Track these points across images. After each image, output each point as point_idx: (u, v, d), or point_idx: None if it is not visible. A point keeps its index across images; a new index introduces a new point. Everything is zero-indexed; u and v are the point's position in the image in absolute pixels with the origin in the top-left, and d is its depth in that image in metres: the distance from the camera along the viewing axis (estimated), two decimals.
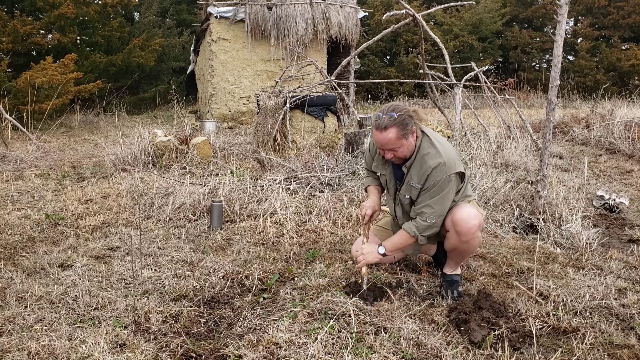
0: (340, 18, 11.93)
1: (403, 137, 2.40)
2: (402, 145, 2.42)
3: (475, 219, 2.44)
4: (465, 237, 2.45)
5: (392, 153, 2.46)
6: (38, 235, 3.55)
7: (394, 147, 2.42)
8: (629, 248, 3.33)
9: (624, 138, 6.90)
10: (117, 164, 5.89)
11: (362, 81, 9.55)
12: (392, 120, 2.37)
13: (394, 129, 2.37)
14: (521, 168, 5.32)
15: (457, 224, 2.43)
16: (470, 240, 2.46)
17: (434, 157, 2.40)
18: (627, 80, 18.22)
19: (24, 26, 11.47)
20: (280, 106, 6.56)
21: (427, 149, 2.44)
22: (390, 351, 2.02)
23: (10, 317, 2.32)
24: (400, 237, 2.55)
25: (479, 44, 18.39)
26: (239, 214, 3.94)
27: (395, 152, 2.45)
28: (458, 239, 2.47)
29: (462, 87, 6.38)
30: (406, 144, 2.42)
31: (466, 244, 2.48)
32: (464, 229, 2.43)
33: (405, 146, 2.43)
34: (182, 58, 17.20)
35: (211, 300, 2.57)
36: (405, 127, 2.38)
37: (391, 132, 2.38)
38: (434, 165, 2.39)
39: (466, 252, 2.56)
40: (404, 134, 2.39)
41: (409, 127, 2.39)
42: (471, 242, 2.48)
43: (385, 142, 2.41)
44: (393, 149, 2.44)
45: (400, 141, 2.40)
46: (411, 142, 2.44)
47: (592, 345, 2.10)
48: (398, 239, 2.56)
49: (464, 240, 2.46)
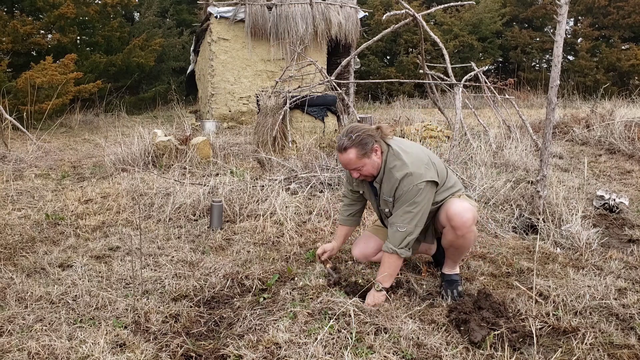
0: (340, 18, 11.93)
1: (364, 157, 2.44)
2: (365, 164, 2.46)
3: (469, 212, 2.46)
4: (460, 232, 2.46)
5: (357, 172, 2.51)
6: (38, 235, 3.55)
7: (357, 166, 2.47)
8: (629, 248, 3.33)
9: (624, 138, 6.91)
10: (117, 164, 5.89)
11: (362, 81, 9.55)
12: (350, 142, 2.42)
13: (353, 149, 2.42)
14: (521, 168, 5.32)
15: (452, 218, 2.45)
16: (466, 234, 2.47)
17: (400, 169, 2.42)
18: (627, 80, 18.23)
19: (24, 26, 11.47)
20: (280, 106, 6.56)
21: (393, 162, 2.46)
22: (390, 351, 2.02)
23: (10, 317, 2.32)
24: (384, 262, 2.49)
25: (479, 44, 18.40)
26: (239, 214, 3.94)
27: (360, 171, 2.50)
28: (454, 234, 2.48)
29: (462, 87, 6.38)
30: (369, 163, 2.46)
31: (462, 239, 2.49)
32: (459, 222, 2.44)
33: (369, 164, 2.47)
34: (182, 58, 17.20)
35: (211, 300, 2.57)
36: (364, 146, 2.42)
37: (351, 153, 2.43)
38: (400, 177, 2.41)
39: (463, 248, 2.57)
40: (364, 153, 2.43)
41: (368, 146, 2.43)
42: (467, 236, 2.49)
43: (347, 163, 2.48)
44: (357, 169, 2.49)
45: (362, 160, 2.45)
46: (375, 159, 2.47)
47: (592, 345, 2.10)
48: (385, 266, 2.49)
49: (460, 234, 2.47)
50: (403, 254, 2.44)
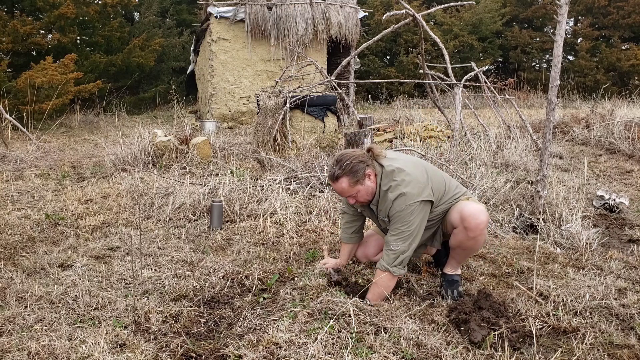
0: (340, 18, 11.93)
1: (357, 184, 2.43)
2: (359, 191, 2.45)
3: (483, 214, 2.46)
4: (473, 233, 2.45)
5: (353, 199, 2.50)
6: (38, 235, 3.55)
7: (351, 194, 2.46)
8: (629, 248, 3.33)
9: (624, 138, 6.90)
10: (117, 164, 5.89)
11: (362, 81, 9.56)
12: (341, 171, 2.41)
13: (344, 178, 2.41)
14: (521, 168, 5.32)
15: (466, 219, 2.44)
16: (477, 236, 2.47)
17: (394, 189, 2.41)
18: (627, 80, 18.23)
19: (24, 26, 11.47)
20: (280, 106, 6.56)
21: (387, 183, 2.44)
22: (390, 351, 2.01)
23: (10, 317, 2.32)
24: (376, 280, 2.45)
25: (479, 44, 18.39)
26: (239, 214, 3.94)
27: (355, 198, 2.49)
28: (465, 235, 2.46)
29: (462, 87, 6.38)
30: (363, 189, 2.45)
31: (473, 240, 2.48)
32: (472, 224, 2.43)
33: (363, 190, 2.45)
34: (182, 58, 17.20)
35: (211, 300, 2.57)
36: (355, 174, 2.41)
37: (343, 182, 2.42)
38: (393, 198, 2.40)
39: (471, 250, 2.57)
40: (356, 180, 2.42)
41: (360, 173, 2.41)
42: (478, 238, 2.48)
43: (340, 192, 2.47)
44: (352, 196, 2.48)
45: (355, 188, 2.43)
46: (368, 185, 2.45)
47: (592, 345, 2.10)
48: (376, 284, 2.44)
49: (472, 236, 2.46)
50: (396, 273, 2.41)
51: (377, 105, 15.43)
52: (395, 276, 2.43)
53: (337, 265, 2.81)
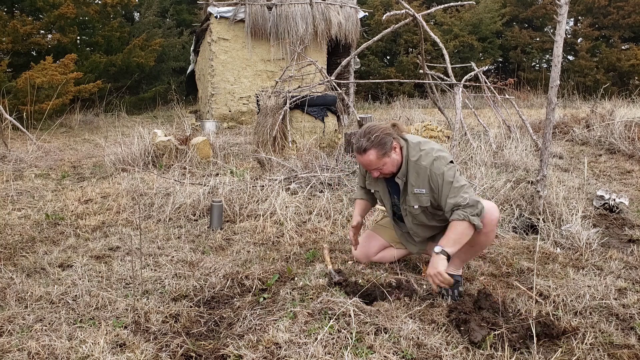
0: (340, 18, 11.93)
1: (385, 156, 2.46)
2: (386, 164, 2.48)
3: (497, 211, 2.51)
4: (486, 229, 2.46)
5: (378, 171, 2.53)
6: (38, 235, 3.55)
7: (378, 166, 2.49)
8: (629, 248, 3.33)
9: (624, 138, 6.90)
10: (117, 164, 5.89)
11: (362, 81, 9.56)
12: (369, 143, 2.44)
13: (373, 150, 2.44)
14: (521, 168, 5.32)
15: (482, 215, 2.45)
16: (489, 232, 2.49)
17: (425, 157, 2.46)
18: (627, 80, 18.23)
19: (24, 26, 11.47)
20: (280, 106, 6.56)
21: (415, 155, 2.49)
22: (390, 351, 2.01)
23: (10, 317, 2.31)
24: (452, 227, 2.37)
25: (479, 44, 18.40)
26: (239, 214, 3.94)
27: (381, 170, 2.52)
28: (479, 230, 2.46)
29: (462, 87, 6.38)
30: (389, 161, 2.48)
31: (484, 236, 2.50)
32: (487, 219, 2.44)
33: (389, 163, 2.49)
34: (182, 58, 17.21)
35: (211, 300, 2.57)
36: (384, 146, 2.44)
37: (371, 154, 2.45)
38: (429, 165, 2.44)
39: (479, 247, 2.58)
40: (384, 152, 2.45)
41: (388, 145, 2.45)
42: (489, 234, 2.51)
43: (368, 164, 2.50)
44: (377, 168, 2.51)
45: (383, 160, 2.47)
46: (394, 157, 2.49)
47: (592, 345, 2.10)
48: (452, 230, 2.36)
49: (485, 232, 2.47)
50: (475, 221, 2.34)
51: (377, 105, 15.44)
52: (473, 226, 2.36)
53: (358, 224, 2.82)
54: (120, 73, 14.21)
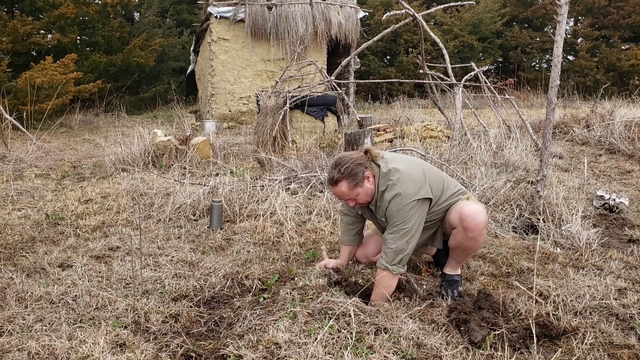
0: (340, 18, 11.93)
1: (357, 187, 2.43)
2: (359, 194, 2.45)
3: (483, 215, 2.45)
4: (472, 234, 2.45)
5: (352, 202, 2.50)
6: (38, 235, 3.55)
7: (351, 197, 2.46)
8: (629, 248, 3.33)
9: (624, 138, 6.90)
10: (117, 164, 5.89)
11: (362, 81, 9.56)
12: (340, 174, 2.41)
13: (344, 181, 2.41)
14: (521, 168, 5.32)
15: (465, 220, 2.43)
16: (476, 236, 2.46)
17: (390, 189, 2.41)
18: (627, 80, 18.23)
19: (24, 26, 11.47)
20: (280, 106, 6.56)
21: (384, 184, 2.45)
22: (390, 351, 2.01)
23: (10, 317, 2.31)
24: (378, 280, 2.46)
25: (479, 44, 18.40)
26: (239, 214, 3.94)
27: (355, 200, 2.49)
28: (465, 235, 2.46)
29: (462, 87, 6.38)
30: (362, 191, 2.45)
31: (472, 241, 2.48)
32: (471, 224, 2.42)
33: (363, 193, 2.46)
34: (182, 58, 17.21)
35: (211, 300, 2.57)
36: (355, 177, 2.41)
37: (343, 186, 2.42)
38: (389, 198, 2.40)
39: (470, 250, 2.56)
40: (355, 183, 2.42)
41: (359, 176, 2.42)
42: (477, 238, 2.48)
43: (340, 195, 2.48)
44: (351, 199, 2.48)
45: (355, 190, 2.43)
46: (368, 187, 2.46)
47: (592, 345, 2.10)
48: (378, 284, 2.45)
49: (471, 236, 2.45)
50: (395, 271, 2.40)
51: (377, 105, 15.44)
52: (395, 275, 2.43)
53: (337, 265, 2.81)
54: (120, 73, 14.21)
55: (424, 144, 6.34)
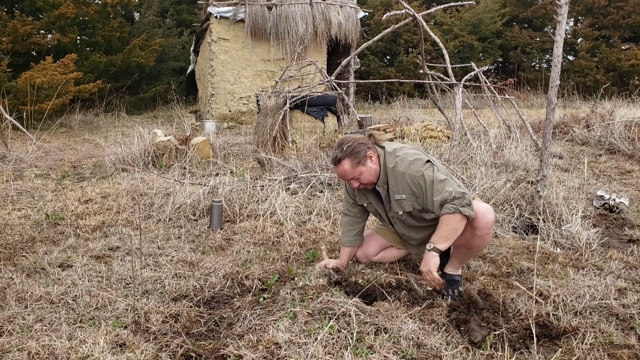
0: (340, 18, 11.94)
1: (359, 165, 2.47)
2: (362, 172, 2.49)
3: (492, 213, 2.47)
4: (481, 232, 2.45)
5: (356, 182, 2.54)
6: (38, 235, 3.55)
7: (354, 176, 2.50)
8: (629, 248, 3.33)
9: (624, 138, 6.90)
10: (117, 164, 5.89)
11: (362, 81, 9.57)
12: (342, 153, 2.46)
13: (347, 159, 2.47)
14: (521, 168, 5.32)
15: (476, 218, 2.42)
16: (484, 235, 2.47)
17: (401, 163, 2.46)
18: (627, 80, 18.24)
19: (24, 26, 11.47)
20: (280, 106, 6.56)
21: (392, 162, 2.49)
22: (390, 351, 2.01)
23: (10, 317, 2.31)
24: (443, 222, 2.36)
25: (479, 44, 18.41)
26: (239, 214, 3.94)
27: (359, 180, 2.52)
28: (473, 233, 2.46)
29: (462, 87, 6.38)
30: (366, 170, 2.49)
31: (480, 239, 2.48)
32: (481, 223, 2.43)
33: (366, 172, 2.50)
34: (182, 58, 17.21)
35: (211, 300, 2.57)
36: (357, 155, 2.46)
37: (345, 164, 2.47)
38: (406, 170, 2.44)
39: (476, 249, 2.57)
40: (358, 161, 2.47)
41: (361, 154, 2.47)
42: (485, 237, 2.49)
43: (343, 174, 2.52)
44: (354, 178, 2.52)
45: (358, 169, 2.48)
46: (371, 166, 2.50)
47: (592, 345, 2.10)
48: (443, 226, 2.36)
49: (479, 234, 2.46)
50: (466, 212, 2.32)
51: (377, 105, 15.44)
52: (465, 216, 2.34)
53: (337, 265, 2.81)
54: (120, 73, 14.21)
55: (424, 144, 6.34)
